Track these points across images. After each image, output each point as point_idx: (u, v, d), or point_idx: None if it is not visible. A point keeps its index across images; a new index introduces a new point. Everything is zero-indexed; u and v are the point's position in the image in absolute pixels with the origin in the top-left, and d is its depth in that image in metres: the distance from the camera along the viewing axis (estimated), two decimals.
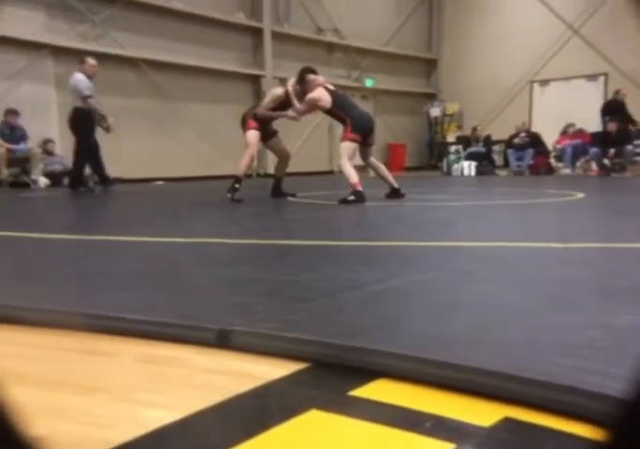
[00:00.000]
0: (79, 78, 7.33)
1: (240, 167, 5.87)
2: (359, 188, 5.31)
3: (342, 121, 5.53)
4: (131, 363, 1.26)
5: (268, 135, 6.11)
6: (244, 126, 5.96)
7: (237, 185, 5.64)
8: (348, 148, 5.53)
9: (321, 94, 5.54)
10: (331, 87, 5.76)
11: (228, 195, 5.57)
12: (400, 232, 3.42)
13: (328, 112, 5.65)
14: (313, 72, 5.79)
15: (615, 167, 11.15)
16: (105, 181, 7.90)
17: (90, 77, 7.43)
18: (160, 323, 1.42)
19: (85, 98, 7.27)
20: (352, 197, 5.23)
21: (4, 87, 9.15)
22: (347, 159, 5.49)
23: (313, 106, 5.60)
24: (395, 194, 5.62)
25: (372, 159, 5.80)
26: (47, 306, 1.62)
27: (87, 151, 7.45)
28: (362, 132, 5.48)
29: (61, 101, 9.76)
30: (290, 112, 5.82)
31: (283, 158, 6.25)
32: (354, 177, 5.35)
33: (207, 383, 1.14)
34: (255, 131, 5.85)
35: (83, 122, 7.29)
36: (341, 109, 5.51)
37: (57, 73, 9.74)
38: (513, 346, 1.22)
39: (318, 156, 13.82)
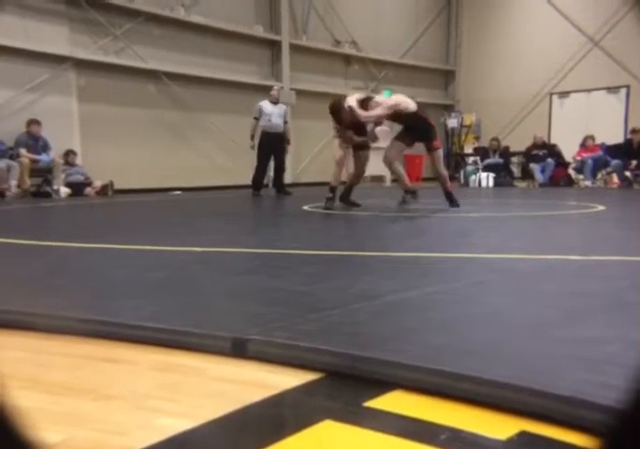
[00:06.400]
0: (260, 102, 8.81)
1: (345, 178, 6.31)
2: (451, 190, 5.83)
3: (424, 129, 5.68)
4: (146, 371, 1.27)
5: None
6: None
7: (330, 195, 6.21)
8: (441, 154, 5.92)
9: (402, 98, 5.62)
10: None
11: (336, 203, 6.11)
12: (417, 243, 3.40)
13: (410, 117, 5.49)
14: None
15: (637, 180, 10.98)
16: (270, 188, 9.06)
17: (274, 102, 8.76)
18: (176, 331, 1.43)
19: (254, 119, 8.69)
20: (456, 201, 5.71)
21: (27, 99, 9.34)
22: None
23: (393, 110, 5.48)
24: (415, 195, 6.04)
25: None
26: (62, 313, 1.64)
27: (259, 163, 8.63)
28: None
29: (82, 113, 9.92)
30: (372, 129, 6.15)
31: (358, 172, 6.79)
32: (449, 182, 5.88)
33: (221, 391, 1.14)
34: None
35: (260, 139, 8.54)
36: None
37: (79, 85, 9.91)
38: (530, 360, 1.20)
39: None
